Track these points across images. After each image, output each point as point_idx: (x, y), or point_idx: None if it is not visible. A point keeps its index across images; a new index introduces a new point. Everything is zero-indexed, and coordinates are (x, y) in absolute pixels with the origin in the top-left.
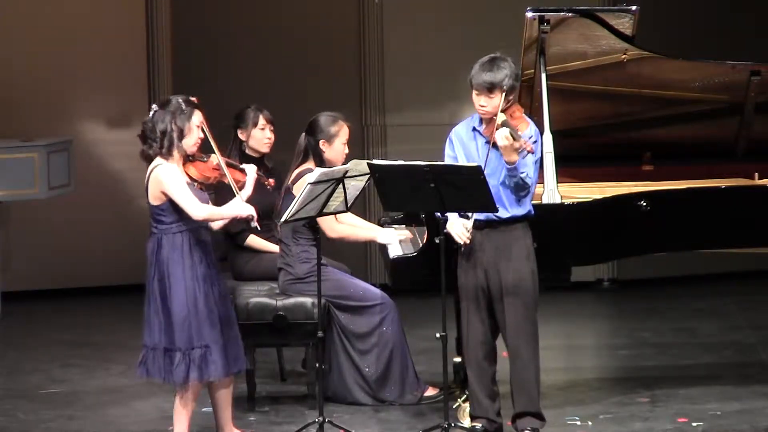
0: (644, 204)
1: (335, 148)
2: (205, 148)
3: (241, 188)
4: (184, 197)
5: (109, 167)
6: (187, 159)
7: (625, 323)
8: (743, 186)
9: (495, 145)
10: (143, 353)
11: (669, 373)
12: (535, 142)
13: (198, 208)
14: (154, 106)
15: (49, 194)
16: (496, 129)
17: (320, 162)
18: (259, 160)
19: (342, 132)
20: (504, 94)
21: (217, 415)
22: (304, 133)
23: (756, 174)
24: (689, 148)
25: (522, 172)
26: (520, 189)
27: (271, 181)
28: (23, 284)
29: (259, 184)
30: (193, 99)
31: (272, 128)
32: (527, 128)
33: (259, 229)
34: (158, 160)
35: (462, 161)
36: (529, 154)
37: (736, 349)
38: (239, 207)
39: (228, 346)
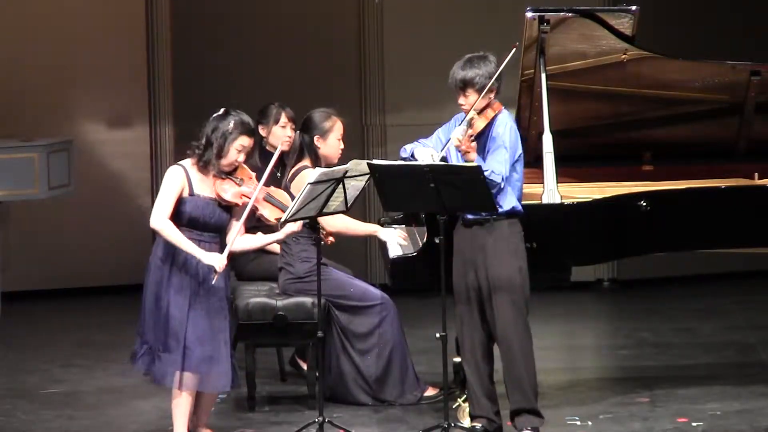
0: (644, 204)
1: (330, 143)
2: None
3: (264, 223)
4: (160, 198)
5: (109, 167)
6: (220, 176)
7: (625, 323)
8: (743, 186)
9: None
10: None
11: (669, 373)
12: (475, 140)
13: (157, 215)
14: (221, 110)
15: (49, 194)
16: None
17: (316, 159)
18: (278, 158)
19: (336, 127)
20: (479, 92)
21: (195, 412)
22: (298, 132)
23: (756, 174)
24: (689, 148)
25: (485, 170)
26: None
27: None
28: (23, 284)
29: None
30: (250, 122)
31: (293, 126)
32: (482, 126)
33: (212, 284)
34: (184, 161)
35: (442, 142)
36: (503, 151)
37: (736, 349)
38: (206, 256)
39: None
